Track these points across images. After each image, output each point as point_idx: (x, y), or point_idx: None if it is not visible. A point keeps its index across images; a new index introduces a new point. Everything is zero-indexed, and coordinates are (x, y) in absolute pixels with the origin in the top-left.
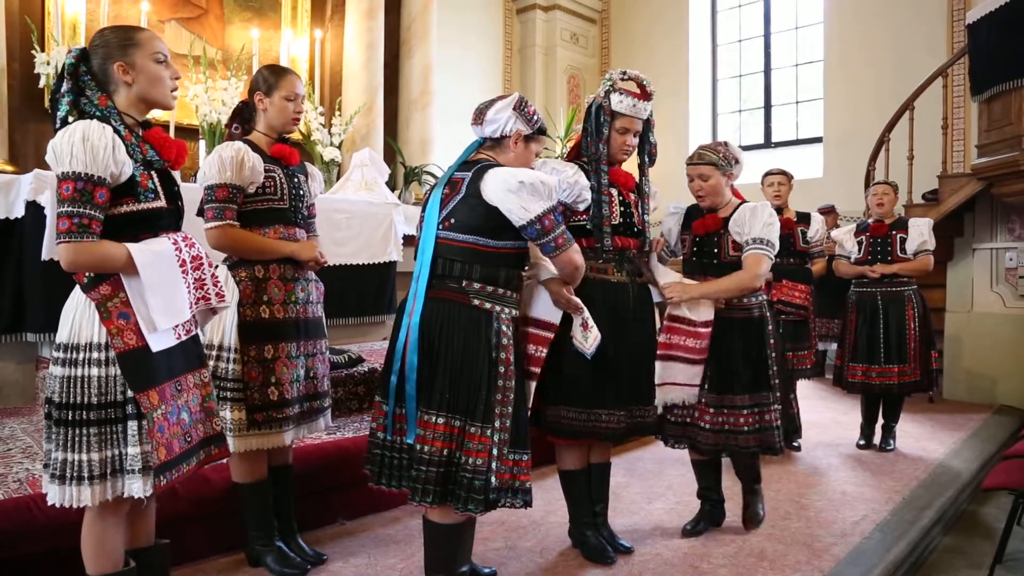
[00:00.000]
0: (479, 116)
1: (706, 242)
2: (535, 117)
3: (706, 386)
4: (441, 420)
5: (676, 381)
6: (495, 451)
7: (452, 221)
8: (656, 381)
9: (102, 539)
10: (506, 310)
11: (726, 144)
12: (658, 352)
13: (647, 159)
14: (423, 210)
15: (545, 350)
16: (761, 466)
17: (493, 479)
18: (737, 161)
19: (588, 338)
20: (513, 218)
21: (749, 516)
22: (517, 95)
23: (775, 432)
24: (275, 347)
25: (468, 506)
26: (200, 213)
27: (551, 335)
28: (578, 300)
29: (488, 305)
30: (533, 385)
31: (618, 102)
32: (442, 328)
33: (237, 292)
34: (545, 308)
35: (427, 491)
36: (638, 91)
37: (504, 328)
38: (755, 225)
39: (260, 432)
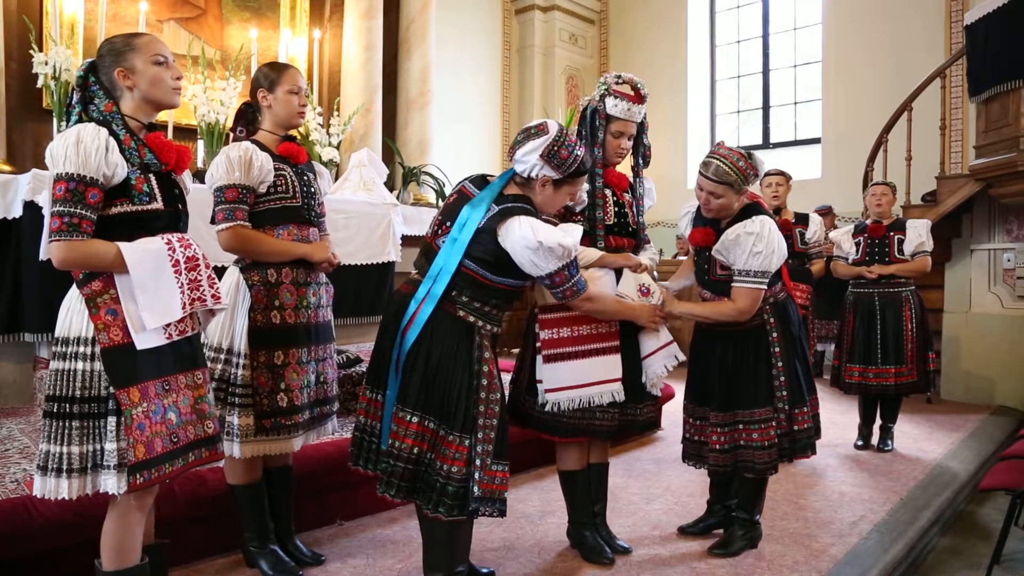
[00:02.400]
0: (512, 150)
1: (700, 254)
2: (569, 161)
3: (712, 404)
4: (415, 419)
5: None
6: (478, 461)
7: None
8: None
9: (124, 535)
10: (488, 326)
11: (750, 157)
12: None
13: (641, 161)
14: (447, 218)
15: (615, 324)
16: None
17: (476, 489)
18: (756, 175)
19: (651, 303)
20: (525, 269)
21: (721, 543)
22: (554, 133)
23: (787, 439)
24: (285, 353)
25: (439, 508)
26: (214, 219)
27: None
28: (637, 259)
29: (472, 319)
30: (617, 358)
31: (613, 106)
32: (423, 331)
33: (248, 296)
34: (600, 288)
35: (392, 484)
36: (632, 94)
37: (485, 342)
38: (738, 256)
39: (268, 438)
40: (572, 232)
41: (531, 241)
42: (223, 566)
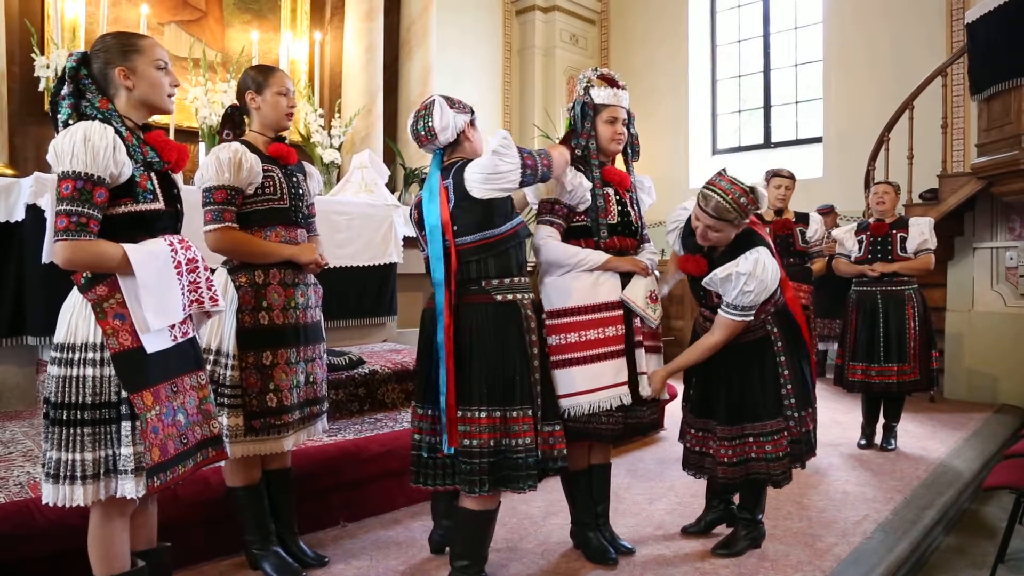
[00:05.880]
0: (427, 136)
1: (693, 280)
2: (462, 103)
3: (717, 417)
4: (483, 414)
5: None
6: (537, 427)
7: (456, 228)
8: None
9: (109, 541)
10: (526, 296)
11: (753, 192)
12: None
13: (630, 150)
14: (418, 225)
15: (621, 327)
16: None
17: (539, 452)
18: (757, 207)
19: (656, 310)
20: (509, 188)
21: (724, 543)
22: (435, 97)
23: (799, 445)
24: (274, 353)
25: (527, 483)
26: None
27: (619, 312)
28: (645, 263)
29: (511, 296)
30: (623, 362)
31: (598, 95)
32: (472, 330)
33: (236, 297)
34: (605, 292)
35: (483, 481)
36: (613, 83)
37: (529, 313)
38: (728, 291)
39: (258, 438)
40: (491, 141)
41: (483, 171)
42: (227, 568)
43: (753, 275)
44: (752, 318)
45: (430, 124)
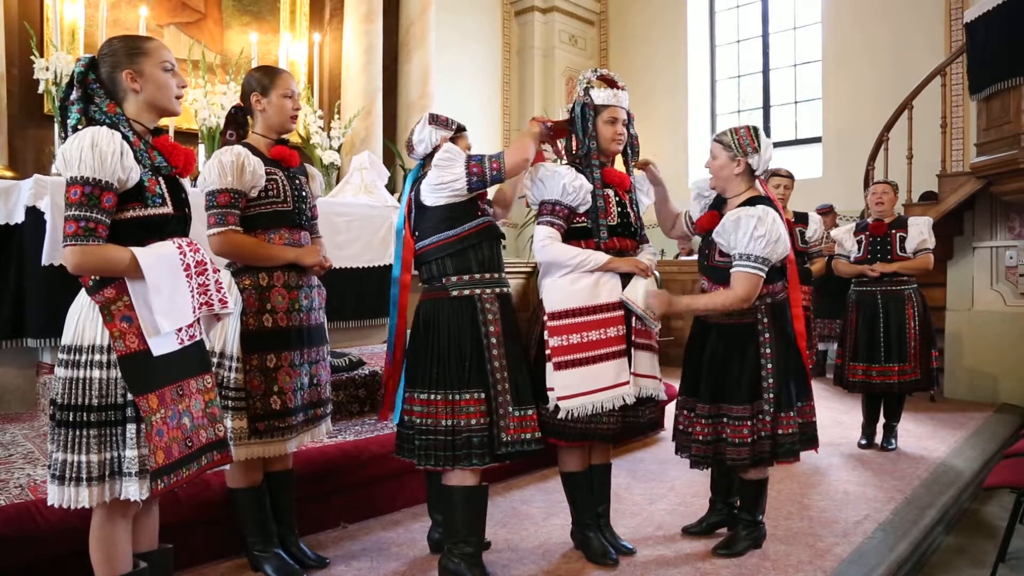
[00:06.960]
0: (408, 147)
1: (705, 239)
2: (449, 121)
3: (700, 395)
4: (437, 396)
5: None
6: (500, 411)
7: (417, 234)
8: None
9: (111, 542)
10: (487, 291)
11: (754, 129)
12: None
13: (629, 150)
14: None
15: (622, 328)
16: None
17: (504, 436)
18: (756, 150)
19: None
20: (459, 195)
21: (725, 543)
22: (426, 113)
23: (768, 442)
24: (278, 356)
25: (472, 461)
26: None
27: (620, 312)
28: (646, 263)
29: (467, 292)
30: (624, 362)
31: (598, 96)
32: (430, 321)
33: (240, 300)
34: (606, 293)
35: (431, 455)
36: (613, 83)
37: (488, 306)
38: (739, 239)
39: (262, 440)
40: (436, 156)
41: (431, 181)
42: (228, 569)
43: (763, 220)
44: (764, 273)
45: (410, 137)
